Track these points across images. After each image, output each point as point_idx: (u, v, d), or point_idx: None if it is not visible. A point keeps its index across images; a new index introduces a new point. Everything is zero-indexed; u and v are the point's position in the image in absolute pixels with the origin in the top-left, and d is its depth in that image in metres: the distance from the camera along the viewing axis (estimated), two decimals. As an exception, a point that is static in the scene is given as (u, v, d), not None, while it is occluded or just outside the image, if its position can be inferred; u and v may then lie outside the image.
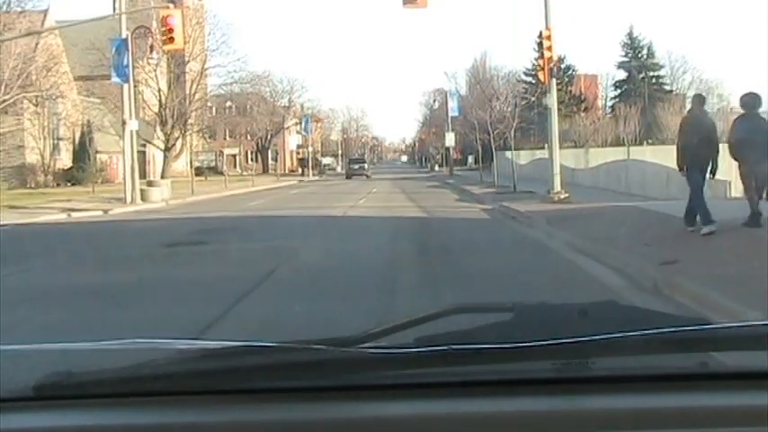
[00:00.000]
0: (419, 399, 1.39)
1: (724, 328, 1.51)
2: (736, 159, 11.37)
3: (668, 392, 1.38)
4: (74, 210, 23.74)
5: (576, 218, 14.88)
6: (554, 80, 20.46)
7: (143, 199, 27.12)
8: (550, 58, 19.99)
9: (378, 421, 1.35)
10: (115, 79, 27.46)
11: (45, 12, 41.54)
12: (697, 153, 11.25)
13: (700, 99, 12.99)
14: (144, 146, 53.91)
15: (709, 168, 11.34)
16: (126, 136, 27.29)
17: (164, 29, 23.40)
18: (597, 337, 1.36)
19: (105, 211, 23.86)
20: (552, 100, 20.39)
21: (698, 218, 11.06)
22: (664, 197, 17.36)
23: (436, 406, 1.37)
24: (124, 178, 27.62)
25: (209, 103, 63.50)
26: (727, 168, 14.23)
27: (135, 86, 51.08)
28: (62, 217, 22.13)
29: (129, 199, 26.48)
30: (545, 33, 20.22)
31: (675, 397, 1.37)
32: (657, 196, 17.97)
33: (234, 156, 78.70)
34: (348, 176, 57.10)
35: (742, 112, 11.44)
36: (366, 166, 61.53)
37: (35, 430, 1.38)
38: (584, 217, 14.89)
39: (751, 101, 11.48)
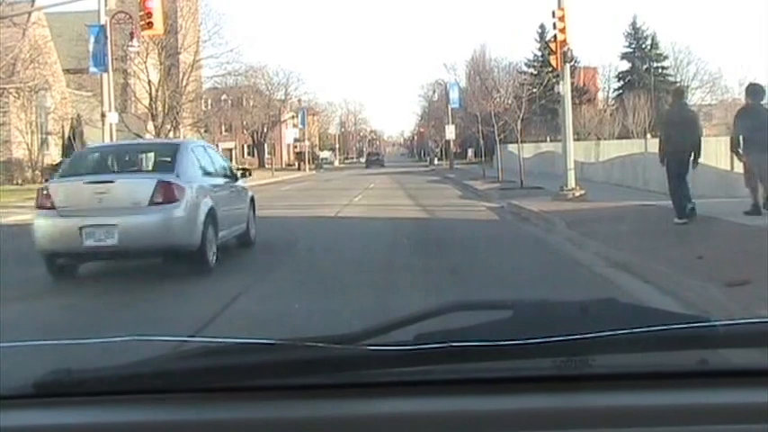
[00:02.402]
0: (419, 396, 1.39)
1: (723, 326, 1.48)
2: (735, 152, 12.05)
3: (668, 390, 1.37)
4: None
5: (600, 220, 13.02)
6: (567, 65, 18.68)
7: (124, 196, 25.41)
8: (564, 41, 18.15)
9: (377, 419, 1.35)
10: (93, 69, 25.70)
11: (32, 1, 39.98)
12: (676, 145, 11.59)
13: (679, 92, 13.70)
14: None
15: (691, 159, 11.67)
16: (105, 129, 25.48)
17: (142, 12, 21.68)
18: (597, 334, 1.36)
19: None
20: (566, 87, 18.54)
21: (687, 209, 11.47)
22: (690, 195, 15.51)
23: (436, 403, 1.36)
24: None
25: (203, 96, 62.17)
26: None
27: (125, 79, 50.14)
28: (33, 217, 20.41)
29: (108, 197, 24.75)
30: (558, 14, 18.38)
31: (675, 394, 1.36)
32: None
33: (230, 150, 77.41)
34: (367, 165, 73.41)
35: (746, 103, 11.88)
36: (381, 157, 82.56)
37: (35, 428, 1.38)
38: (608, 219, 13.03)
39: (754, 91, 12.09)
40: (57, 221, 9.00)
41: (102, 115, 25.92)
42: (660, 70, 65.57)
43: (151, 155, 10.92)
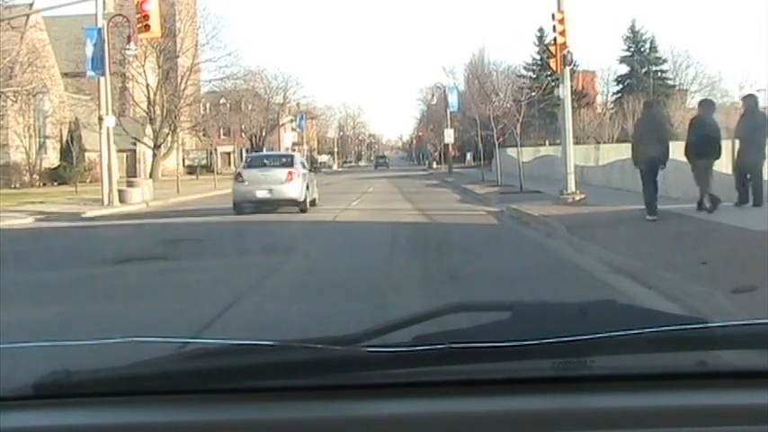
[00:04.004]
0: (418, 398, 1.38)
1: (722, 327, 1.49)
2: (688, 157, 13.32)
3: (667, 391, 1.37)
4: (44, 213, 21.92)
5: (601, 225, 12.86)
6: (567, 68, 18.54)
7: (121, 200, 25.27)
8: (563, 44, 18.01)
9: (376, 420, 1.34)
10: (90, 73, 25.54)
11: (30, 5, 39.79)
12: (648, 150, 12.89)
13: (650, 103, 15.88)
14: (135, 144, 52.33)
15: (660, 163, 13.00)
16: (102, 133, 25.36)
17: (139, 15, 21.57)
18: (596, 335, 1.36)
19: (78, 215, 21.94)
20: (566, 90, 18.42)
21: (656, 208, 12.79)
22: (690, 198, 15.34)
23: (435, 405, 1.36)
24: (101, 178, 25.76)
25: (202, 100, 62.00)
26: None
27: (123, 83, 49.98)
28: (28, 221, 20.23)
29: (106, 201, 24.61)
30: (557, 17, 18.24)
31: (674, 396, 1.36)
32: (682, 197, 15.98)
33: (228, 154, 77.20)
34: (375, 167, 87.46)
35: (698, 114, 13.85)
36: (387, 160, 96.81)
37: (34, 429, 1.38)
38: (609, 223, 12.90)
39: (706, 105, 14.19)
40: (245, 186, 20.01)
41: (100, 119, 25.81)
42: (659, 74, 65.53)
43: (280, 158, 23.07)
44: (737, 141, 13.58)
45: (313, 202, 21.40)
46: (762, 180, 13.45)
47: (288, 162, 21.18)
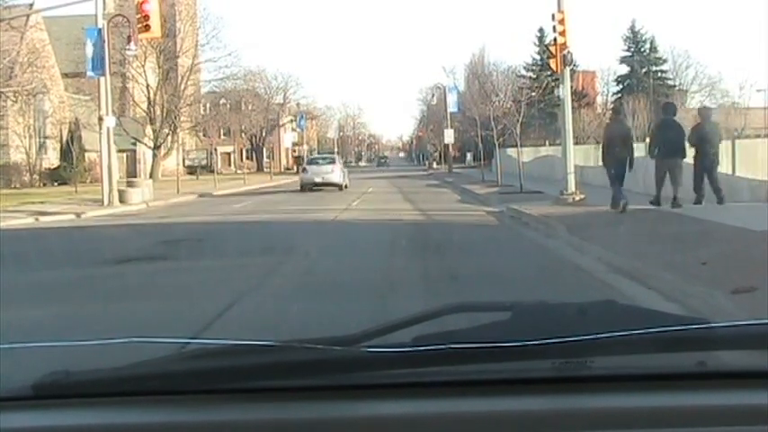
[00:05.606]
0: (417, 398, 1.38)
1: (722, 328, 1.48)
2: (651, 155, 14.48)
3: (667, 391, 1.37)
4: (45, 213, 21.97)
5: (601, 225, 12.86)
6: (567, 69, 18.56)
7: (122, 201, 25.27)
8: (564, 45, 18.03)
9: (376, 421, 1.34)
10: (90, 73, 25.51)
11: (30, 5, 39.77)
12: (615, 151, 14.42)
13: (616, 108, 17.35)
14: (135, 144, 52.34)
15: (627, 163, 14.53)
16: (102, 133, 25.35)
17: (139, 15, 21.57)
18: (596, 336, 1.36)
19: (78, 215, 21.97)
20: (566, 90, 18.46)
21: (621, 203, 14.24)
22: (691, 199, 15.35)
23: (434, 405, 1.36)
24: (101, 179, 25.77)
25: (202, 100, 62.03)
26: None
27: (123, 83, 49.99)
28: (29, 221, 20.24)
29: (106, 201, 24.61)
30: (557, 17, 18.26)
31: (674, 396, 1.36)
32: (683, 197, 15.96)
33: (228, 154, 77.34)
34: (378, 165, 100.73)
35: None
36: (387, 160, 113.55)
37: (34, 429, 1.37)
38: (609, 223, 12.88)
39: (667, 109, 15.19)
40: (308, 174, 33.39)
41: (100, 119, 25.79)
42: (659, 74, 65.53)
43: (328, 157, 38.26)
44: (693, 148, 14.62)
45: (346, 186, 33.58)
46: (716, 181, 14.59)
47: (332, 161, 35.39)
